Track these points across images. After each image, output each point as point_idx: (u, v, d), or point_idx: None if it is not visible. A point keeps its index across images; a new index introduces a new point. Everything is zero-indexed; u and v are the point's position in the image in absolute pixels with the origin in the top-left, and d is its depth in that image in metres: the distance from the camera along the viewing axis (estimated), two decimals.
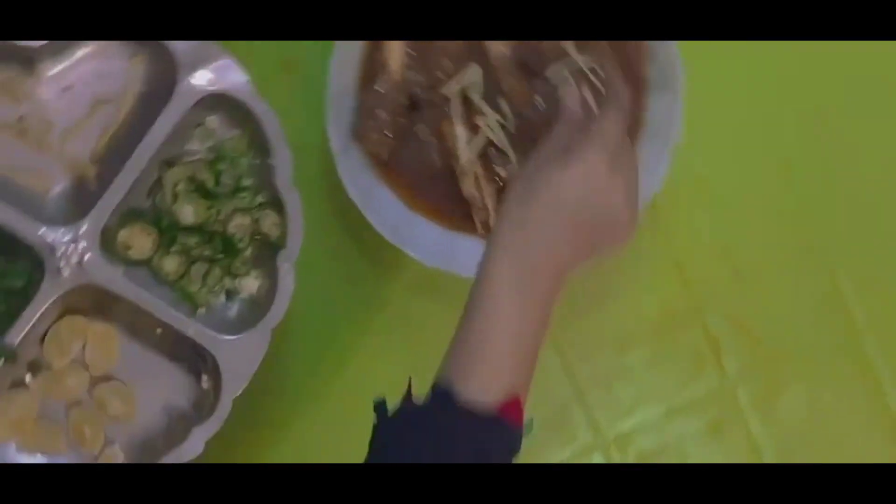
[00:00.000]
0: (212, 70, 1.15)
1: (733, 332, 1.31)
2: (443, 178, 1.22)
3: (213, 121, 1.19)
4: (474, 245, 1.22)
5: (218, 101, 1.16)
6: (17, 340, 1.13)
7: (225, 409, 1.16)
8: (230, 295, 1.21)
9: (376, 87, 1.18)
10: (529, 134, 1.20)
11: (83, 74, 1.18)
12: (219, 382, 1.16)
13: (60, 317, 1.18)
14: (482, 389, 0.94)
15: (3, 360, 1.13)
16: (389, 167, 1.22)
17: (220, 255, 1.20)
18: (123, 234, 1.17)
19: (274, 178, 1.17)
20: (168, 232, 1.19)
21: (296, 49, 1.25)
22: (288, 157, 1.16)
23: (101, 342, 1.20)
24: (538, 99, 1.19)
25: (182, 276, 1.20)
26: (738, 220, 1.32)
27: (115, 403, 1.20)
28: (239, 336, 1.16)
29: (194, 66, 1.14)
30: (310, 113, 1.22)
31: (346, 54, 1.17)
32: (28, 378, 1.19)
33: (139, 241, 1.18)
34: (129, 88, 1.18)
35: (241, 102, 1.16)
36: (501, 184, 1.22)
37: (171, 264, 1.19)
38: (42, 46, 1.13)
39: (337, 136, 1.18)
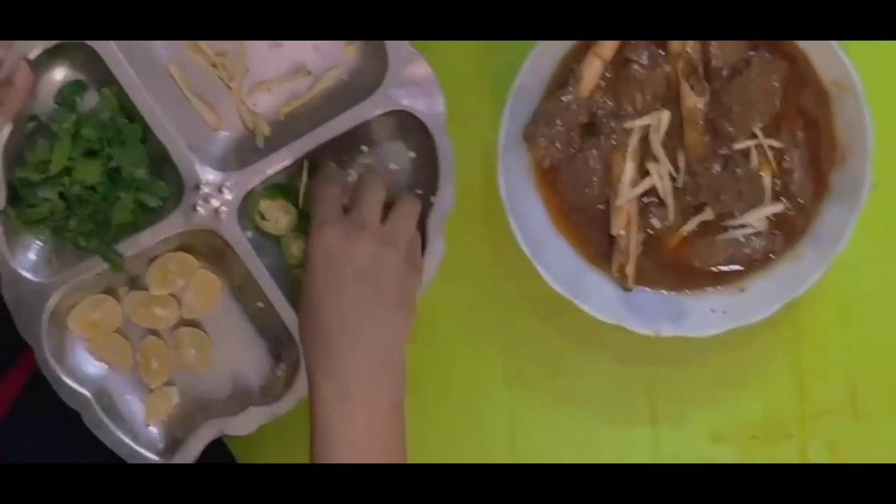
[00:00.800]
0: (416, 86, 1.13)
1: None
2: (595, 209, 1.21)
3: (394, 133, 1.17)
4: (604, 284, 1.21)
5: (407, 119, 1.14)
6: (128, 253, 1.14)
7: (286, 404, 1.16)
8: None
9: (562, 97, 1.16)
10: (695, 195, 1.18)
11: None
12: (293, 377, 1.16)
13: (176, 250, 1.18)
14: None
15: (108, 264, 1.14)
16: (547, 178, 1.20)
17: None
18: (265, 204, 1.16)
19: (427, 216, 1.15)
20: (304, 220, 1.17)
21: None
22: (450, 202, 1.14)
23: (205, 289, 1.19)
24: (715, 164, 1.16)
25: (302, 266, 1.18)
26: (874, 351, 1.27)
27: (190, 351, 1.19)
28: None
29: (401, 77, 1.13)
30: (495, 100, 1.21)
31: (545, 53, 1.16)
32: (123, 291, 1.19)
33: (277, 215, 1.17)
34: (334, 70, 1.17)
35: (429, 132, 1.14)
36: (651, 234, 1.20)
37: (297, 249, 1.18)
38: None
39: (508, 129, 1.16)
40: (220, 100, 1.17)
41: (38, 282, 1.14)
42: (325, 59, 1.17)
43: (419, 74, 1.13)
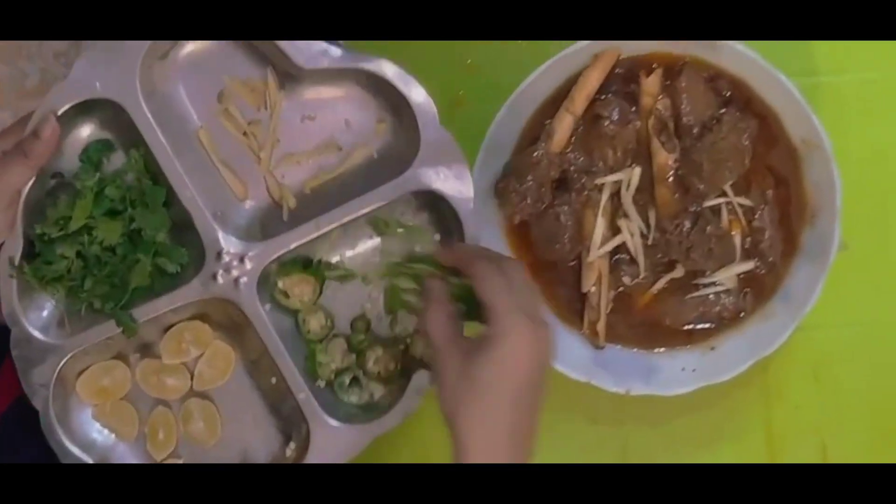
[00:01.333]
0: (446, 169, 1.11)
1: None
2: (565, 265, 1.21)
3: (422, 216, 1.16)
4: (575, 342, 1.21)
5: (434, 200, 1.13)
6: (143, 318, 1.12)
7: None
8: (353, 384, 1.17)
9: (534, 152, 1.17)
10: (665, 252, 1.18)
11: (330, 113, 1.16)
12: (302, 458, 1.13)
13: (191, 319, 1.17)
14: None
15: (121, 329, 1.12)
16: (518, 234, 1.21)
17: (354, 355, 1.17)
18: (285, 281, 1.15)
19: None
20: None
21: (470, 87, 1.25)
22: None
23: (219, 361, 1.17)
24: (685, 221, 1.17)
25: (321, 340, 1.16)
26: (843, 409, 1.27)
27: (199, 423, 1.17)
28: (342, 425, 1.13)
29: (432, 159, 1.11)
30: (467, 153, 1.16)
31: (514, 110, 1.16)
32: (134, 358, 1.17)
33: (299, 289, 1.15)
34: (363, 147, 1.16)
35: (457, 214, 1.12)
36: (622, 291, 1.20)
37: (316, 323, 1.16)
38: (309, 71, 1.11)
39: (479, 184, 1.16)
40: (248, 169, 1.16)
41: (49, 342, 1.12)
42: (356, 134, 1.16)
43: (450, 157, 1.11)
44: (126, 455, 1.17)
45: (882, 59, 1.23)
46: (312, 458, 1.12)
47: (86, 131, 1.14)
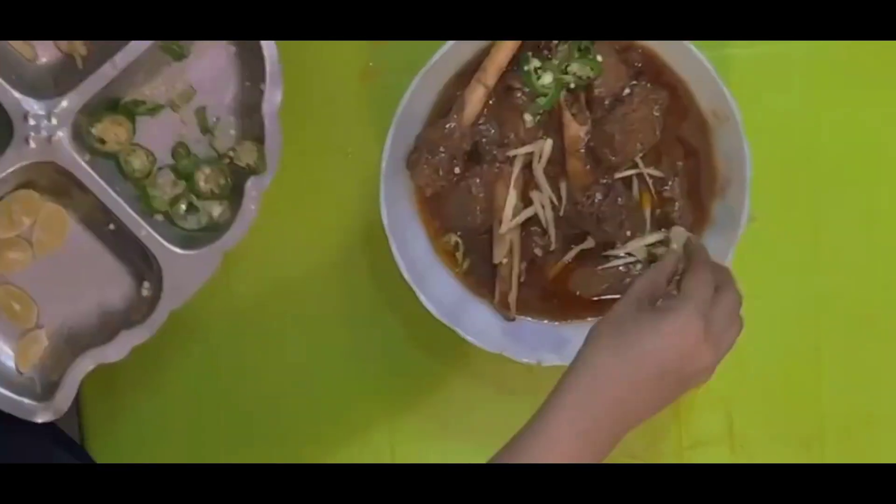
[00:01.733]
0: None
1: None
2: (477, 236, 1.20)
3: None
4: (486, 313, 1.21)
5: None
6: None
7: (159, 319, 1.14)
8: (191, 209, 1.19)
9: (446, 124, 1.16)
10: (577, 224, 1.18)
11: None
12: (159, 293, 1.15)
13: (17, 189, 1.17)
14: None
15: None
16: (429, 205, 1.20)
17: (184, 181, 1.19)
18: (99, 126, 1.16)
19: (262, 104, 1.13)
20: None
21: (380, 59, 1.23)
22: (279, 87, 1.13)
23: (52, 223, 1.18)
24: (597, 193, 1.16)
25: (147, 176, 1.18)
26: (750, 380, 1.28)
27: (15, 307, 1.19)
28: (189, 251, 1.15)
29: None
30: (376, 128, 1.20)
31: (428, 79, 1.15)
32: None
33: (114, 132, 1.16)
34: None
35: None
36: (533, 263, 1.20)
37: (138, 161, 1.17)
38: None
39: (391, 157, 1.16)
40: None
41: None
42: None
43: None
44: None
45: None
46: (168, 290, 1.14)
47: None
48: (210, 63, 1.18)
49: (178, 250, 1.15)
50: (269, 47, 1.13)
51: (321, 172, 1.24)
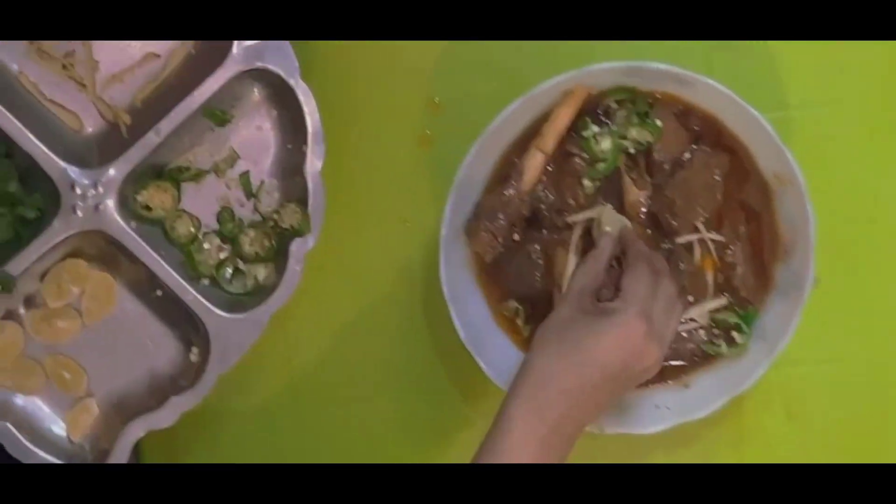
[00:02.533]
0: (265, 46, 1.13)
1: None
2: (537, 302, 1.19)
3: (255, 95, 1.18)
4: None
5: (263, 77, 1.15)
6: (18, 271, 1.13)
7: (208, 383, 1.15)
8: (236, 273, 1.20)
9: (504, 191, 1.15)
10: None
11: None
12: (207, 358, 1.15)
13: (65, 258, 1.18)
14: None
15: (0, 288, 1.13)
16: (488, 273, 1.19)
17: (230, 245, 1.20)
18: (144, 194, 1.17)
19: (304, 166, 1.15)
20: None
21: (437, 126, 1.23)
22: (321, 149, 1.14)
23: (100, 291, 1.19)
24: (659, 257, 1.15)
25: (192, 241, 1.19)
26: (816, 447, 1.26)
27: (65, 375, 1.19)
28: (236, 315, 1.15)
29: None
30: (434, 195, 1.20)
31: (485, 148, 1.15)
32: (21, 311, 1.18)
33: (159, 199, 1.18)
34: (181, 48, 1.18)
35: (287, 83, 1.14)
36: None
37: (184, 226, 1.18)
38: None
39: (450, 223, 1.15)
40: (77, 99, 1.18)
41: None
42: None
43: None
44: (39, 408, 1.19)
45: (851, 91, 1.23)
46: (216, 353, 1.15)
47: None
48: (252, 127, 1.19)
49: (224, 314, 1.15)
50: (310, 110, 1.14)
51: (379, 239, 1.24)
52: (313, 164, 1.14)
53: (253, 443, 1.27)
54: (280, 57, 1.13)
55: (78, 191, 1.13)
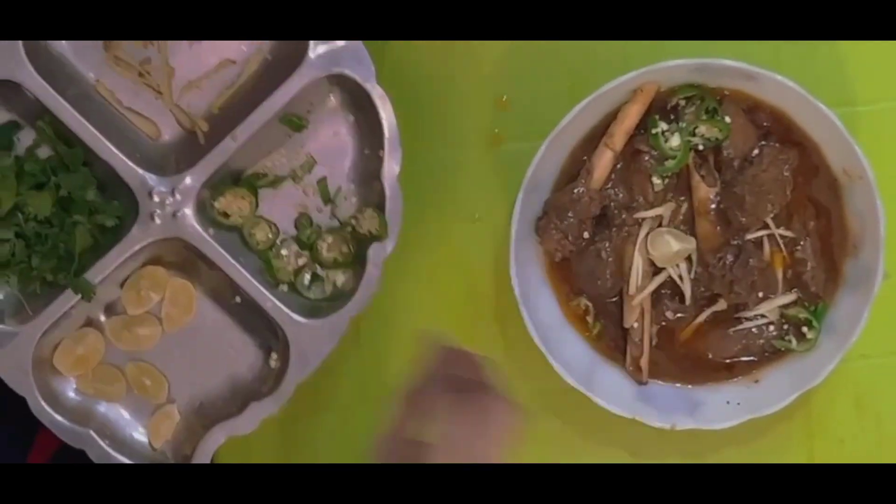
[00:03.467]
0: (341, 51, 1.13)
1: None
2: (607, 300, 1.20)
3: (331, 100, 1.18)
4: (616, 377, 1.20)
5: (340, 82, 1.15)
6: (98, 279, 1.14)
7: (288, 389, 1.15)
8: (315, 279, 1.20)
9: (574, 189, 1.16)
10: (708, 286, 1.18)
11: None
12: (286, 364, 1.15)
13: (145, 266, 1.19)
14: None
15: (80, 295, 1.13)
16: (558, 270, 1.20)
17: (308, 251, 1.20)
18: (222, 200, 1.17)
19: (381, 171, 1.14)
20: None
21: (505, 125, 1.24)
22: (398, 154, 1.14)
23: (180, 298, 1.20)
24: (728, 254, 1.16)
25: (271, 248, 1.19)
26: (888, 440, 1.26)
27: (146, 382, 1.20)
28: (315, 321, 1.15)
29: (325, 42, 1.13)
30: (504, 193, 1.21)
31: (554, 147, 1.15)
32: (102, 319, 1.19)
33: (237, 206, 1.18)
34: (257, 54, 1.18)
35: (363, 88, 1.14)
36: (664, 325, 1.20)
37: (262, 233, 1.18)
38: None
39: (520, 222, 1.16)
40: (154, 107, 1.19)
41: (14, 330, 1.14)
42: (246, 43, 1.18)
43: (342, 40, 1.13)
44: (121, 415, 1.20)
45: None
46: (296, 360, 1.15)
47: None
48: (329, 133, 1.19)
49: (303, 320, 1.15)
50: (387, 114, 1.14)
51: (449, 238, 1.24)
52: (391, 169, 1.14)
53: (328, 448, 1.27)
54: (356, 62, 1.13)
55: (156, 198, 1.14)
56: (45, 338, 1.14)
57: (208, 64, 1.18)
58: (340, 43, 1.12)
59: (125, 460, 1.16)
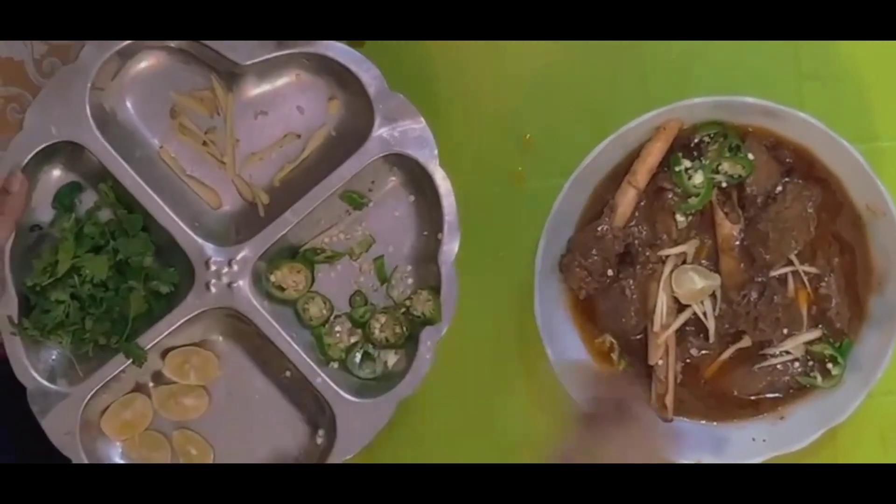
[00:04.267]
0: (404, 130, 1.13)
1: None
2: (632, 338, 1.20)
3: (393, 180, 1.18)
4: (643, 412, 1.19)
5: (402, 162, 1.15)
6: (149, 345, 1.14)
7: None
8: (366, 358, 1.19)
9: (598, 227, 1.16)
10: (732, 322, 1.18)
11: (281, 104, 1.18)
12: (332, 441, 1.15)
13: (196, 343, 1.18)
14: None
15: (131, 360, 1.14)
16: (582, 308, 1.20)
17: (360, 329, 1.19)
18: (278, 274, 1.17)
19: (438, 254, 1.15)
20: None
21: (528, 163, 1.24)
22: (456, 237, 1.14)
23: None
24: (752, 291, 1.16)
25: (324, 324, 1.18)
26: None
27: (192, 451, 1.20)
28: (364, 400, 1.15)
29: (389, 123, 1.13)
30: (527, 232, 1.20)
31: (578, 185, 1.16)
32: (150, 385, 1.19)
33: (293, 280, 1.17)
34: (321, 129, 1.18)
35: (425, 169, 1.14)
36: (689, 362, 1.19)
37: (316, 308, 1.18)
38: (250, 65, 1.13)
39: (544, 260, 1.16)
40: (216, 176, 1.19)
41: (64, 391, 1.14)
42: (310, 118, 1.18)
43: (407, 118, 1.13)
44: None
45: None
46: (342, 438, 1.15)
47: (53, 177, 1.17)
48: (389, 211, 1.19)
49: (352, 398, 1.15)
50: (447, 196, 1.14)
51: (473, 276, 1.22)
52: (448, 252, 1.14)
53: None
54: (419, 143, 1.13)
55: (213, 268, 1.14)
56: (93, 400, 1.14)
57: (273, 136, 1.18)
58: (405, 123, 1.13)
59: None
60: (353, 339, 1.18)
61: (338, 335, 1.18)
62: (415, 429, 1.24)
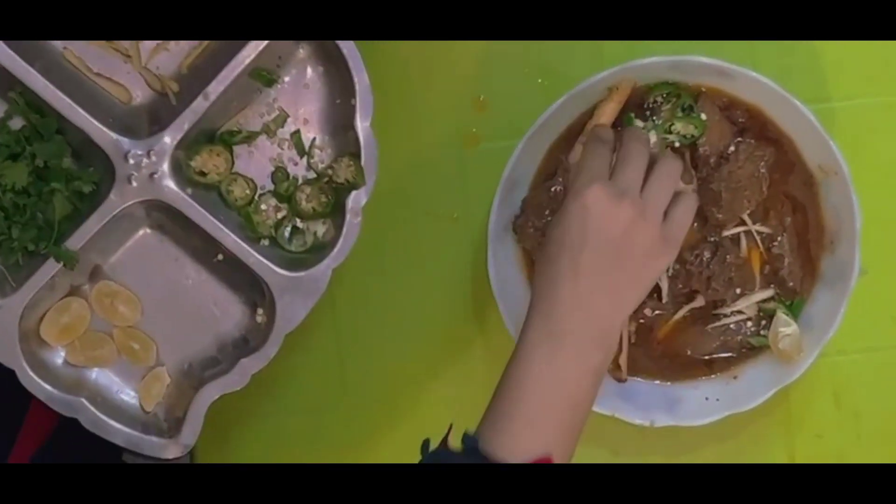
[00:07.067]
0: None
1: None
2: None
3: (300, 52, 1.18)
4: None
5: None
6: (79, 245, 1.14)
7: (275, 343, 1.15)
8: (295, 231, 1.20)
9: (551, 187, 1.16)
10: (686, 283, 1.18)
11: None
12: (272, 318, 1.15)
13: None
14: (509, 449, 0.98)
15: (62, 264, 1.13)
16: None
17: (286, 204, 1.20)
18: (198, 159, 1.17)
19: (354, 120, 1.14)
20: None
21: (483, 125, 1.24)
22: (370, 101, 1.14)
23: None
24: (705, 251, 1.16)
25: (249, 203, 1.19)
26: (866, 436, 1.27)
27: (135, 347, 1.20)
28: (298, 273, 1.15)
29: None
30: (482, 192, 1.21)
31: (531, 145, 1.16)
32: (86, 287, 1.19)
33: (213, 163, 1.18)
34: None
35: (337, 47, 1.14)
36: (643, 323, 1.20)
37: (240, 189, 1.19)
38: None
39: (497, 221, 1.16)
40: (124, 71, 1.18)
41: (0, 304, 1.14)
42: None
43: None
44: (111, 381, 1.20)
45: (894, 85, 1.24)
46: (282, 313, 1.15)
47: None
48: (300, 85, 1.19)
49: (286, 273, 1.16)
50: (355, 63, 1.14)
51: (429, 237, 1.25)
52: (363, 116, 1.14)
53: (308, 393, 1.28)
54: None
55: (131, 161, 1.13)
56: (29, 309, 1.14)
57: None
58: None
59: (117, 425, 1.16)
60: (280, 215, 1.19)
61: (265, 212, 1.19)
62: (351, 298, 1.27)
